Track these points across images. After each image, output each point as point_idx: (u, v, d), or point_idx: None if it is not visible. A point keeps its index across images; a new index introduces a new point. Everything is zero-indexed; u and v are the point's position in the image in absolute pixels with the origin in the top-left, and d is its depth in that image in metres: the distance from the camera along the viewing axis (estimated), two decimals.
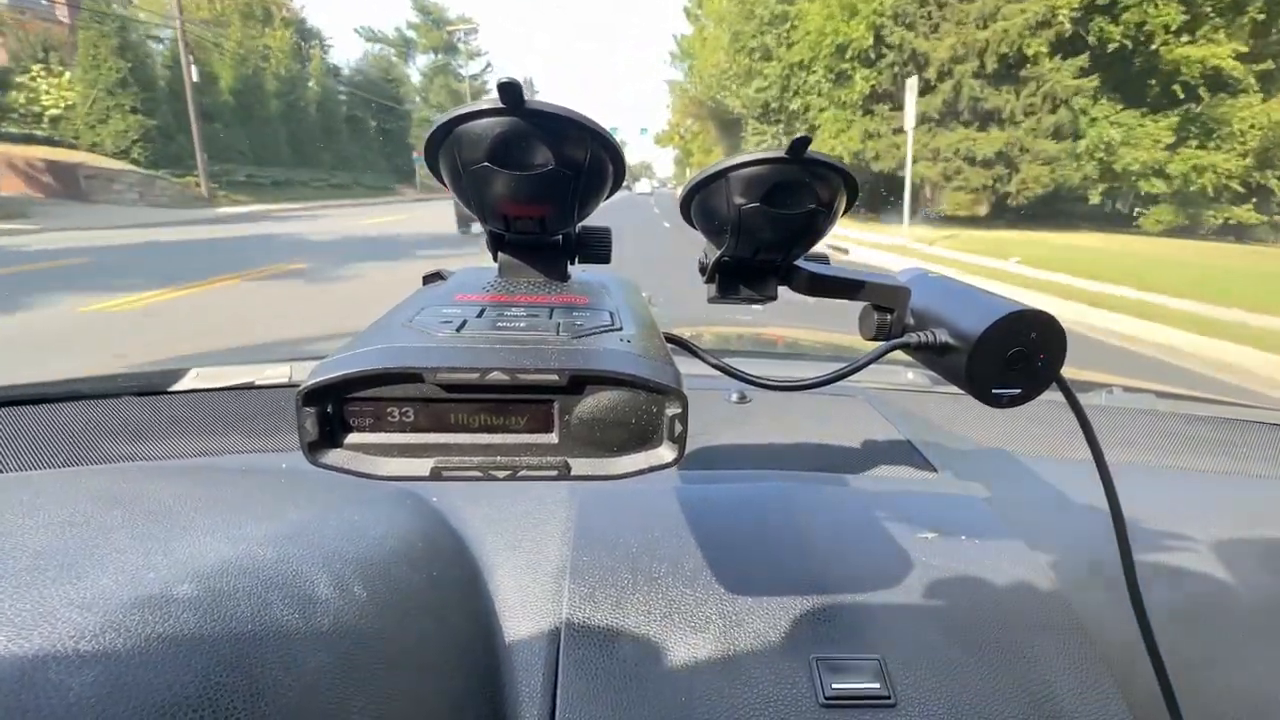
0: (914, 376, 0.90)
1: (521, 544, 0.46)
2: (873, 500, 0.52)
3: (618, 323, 0.27)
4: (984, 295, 0.36)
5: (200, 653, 0.26)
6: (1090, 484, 0.37)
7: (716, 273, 0.38)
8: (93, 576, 0.28)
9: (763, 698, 0.35)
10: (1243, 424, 0.79)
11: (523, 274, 0.35)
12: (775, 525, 0.47)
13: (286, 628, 0.29)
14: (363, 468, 0.22)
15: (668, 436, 0.23)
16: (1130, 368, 3.88)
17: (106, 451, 0.61)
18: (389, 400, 0.22)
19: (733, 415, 0.70)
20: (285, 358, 0.80)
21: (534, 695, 0.36)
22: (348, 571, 0.35)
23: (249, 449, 0.63)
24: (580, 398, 0.22)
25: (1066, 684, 0.37)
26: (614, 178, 0.30)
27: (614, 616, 0.39)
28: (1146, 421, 0.78)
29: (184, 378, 0.72)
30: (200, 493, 0.40)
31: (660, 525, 0.46)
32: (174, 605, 0.27)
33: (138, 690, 0.24)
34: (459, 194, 0.30)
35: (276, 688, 0.27)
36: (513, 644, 0.39)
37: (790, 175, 0.30)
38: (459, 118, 0.27)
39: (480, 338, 0.24)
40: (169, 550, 0.31)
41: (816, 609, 0.40)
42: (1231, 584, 0.50)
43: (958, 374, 0.35)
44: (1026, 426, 0.75)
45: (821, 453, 0.62)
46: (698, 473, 0.55)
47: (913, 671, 0.37)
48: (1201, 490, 0.67)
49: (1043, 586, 0.43)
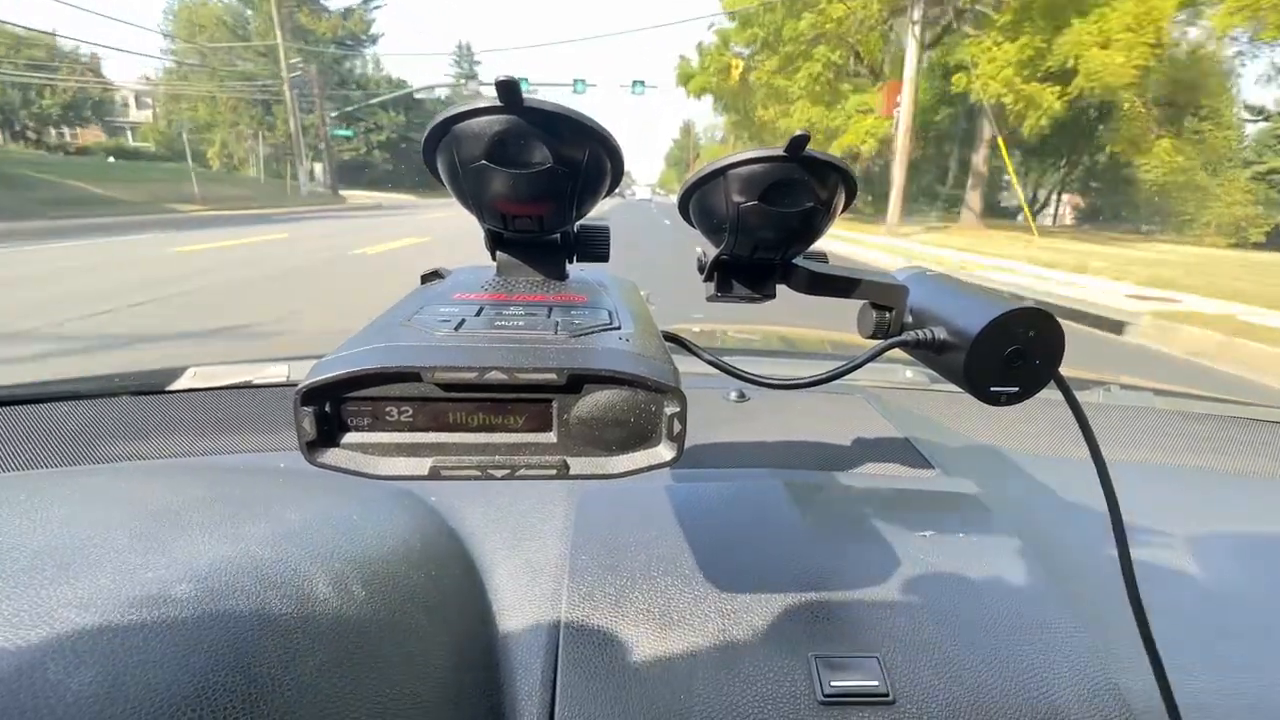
0: (912, 375, 0.90)
1: (520, 543, 0.46)
2: (871, 498, 0.52)
3: (616, 321, 0.27)
4: (982, 293, 0.36)
5: (198, 652, 0.26)
6: (1088, 482, 0.37)
7: (715, 271, 0.38)
8: (91, 576, 0.28)
9: (761, 695, 0.35)
10: (1242, 422, 0.79)
11: (521, 273, 0.35)
12: (774, 524, 0.47)
13: (285, 627, 0.29)
14: (361, 467, 0.22)
15: (666, 435, 0.23)
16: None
17: (104, 451, 0.61)
18: (387, 399, 0.22)
19: (732, 414, 0.70)
20: (283, 357, 0.80)
21: (533, 693, 0.36)
22: (346, 571, 0.35)
23: (247, 448, 0.63)
24: (579, 397, 0.22)
25: (1064, 682, 0.37)
26: (612, 176, 0.30)
27: (613, 615, 0.39)
28: (1145, 419, 0.78)
29: (182, 377, 0.72)
30: (198, 492, 0.40)
31: (659, 524, 0.46)
32: (172, 604, 0.27)
33: (136, 689, 0.24)
34: (457, 193, 0.29)
35: (275, 687, 0.27)
36: (511, 643, 0.39)
37: (788, 173, 0.30)
38: (457, 116, 0.26)
39: (478, 337, 0.24)
40: (167, 549, 0.31)
41: (815, 607, 0.40)
42: (1231, 582, 0.50)
43: (956, 372, 0.35)
44: (1025, 425, 0.75)
45: (820, 451, 0.62)
46: (696, 471, 0.55)
47: (911, 669, 0.37)
48: (1200, 488, 0.67)
49: (1041, 585, 0.43)
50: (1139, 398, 0.85)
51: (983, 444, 0.69)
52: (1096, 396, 0.85)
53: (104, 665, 0.24)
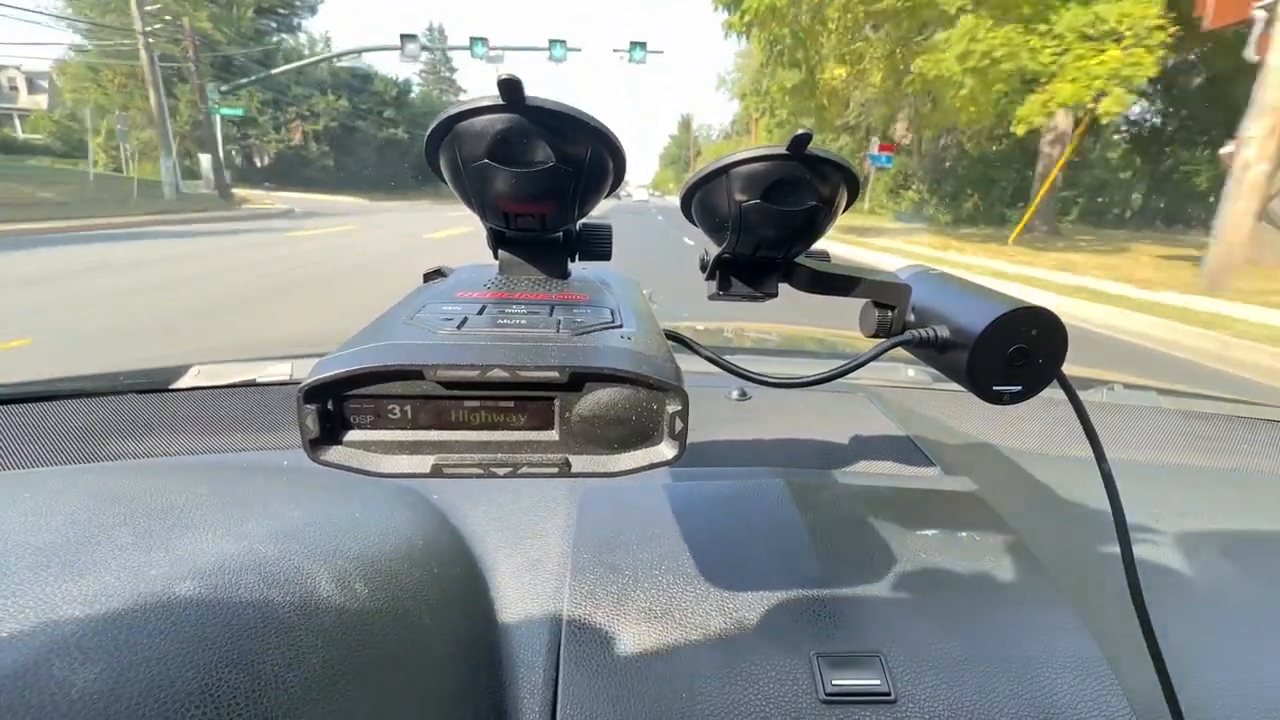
0: (915, 374, 0.89)
1: (522, 541, 0.46)
2: (873, 497, 0.52)
3: (618, 320, 0.27)
4: (985, 292, 0.36)
5: (202, 649, 0.26)
6: (1091, 481, 0.37)
7: (717, 269, 0.38)
8: (95, 573, 0.28)
9: (763, 694, 0.35)
10: (1245, 421, 0.78)
11: (523, 271, 0.35)
12: (776, 522, 0.47)
13: (288, 624, 0.29)
14: (364, 465, 0.22)
15: (668, 433, 0.23)
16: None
17: (108, 449, 0.61)
18: (390, 397, 0.22)
19: (733, 412, 0.70)
20: (286, 355, 0.80)
21: (535, 691, 0.36)
22: (349, 569, 0.35)
23: (250, 446, 0.63)
24: (581, 395, 0.22)
25: (1067, 682, 0.37)
26: (614, 175, 0.30)
27: (614, 613, 0.39)
28: (1148, 418, 0.78)
29: (185, 375, 0.73)
30: (202, 490, 0.40)
31: (660, 522, 0.46)
32: (176, 602, 0.27)
33: (140, 687, 0.24)
34: (459, 191, 0.30)
35: (278, 684, 0.27)
36: (514, 641, 0.39)
37: (791, 172, 0.30)
38: (459, 114, 0.26)
39: (481, 335, 0.24)
40: (171, 547, 0.32)
41: (817, 605, 0.40)
42: (1234, 582, 0.50)
43: (959, 371, 0.35)
44: (1028, 424, 0.75)
45: (822, 450, 0.62)
46: (698, 470, 0.55)
47: (913, 668, 0.37)
48: (1204, 487, 0.67)
49: (1043, 584, 0.43)
50: (1142, 397, 0.85)
51: (985, 443, 0.69)
52: (1099, 396, 0.85)
53: (108, 662, 0.24)
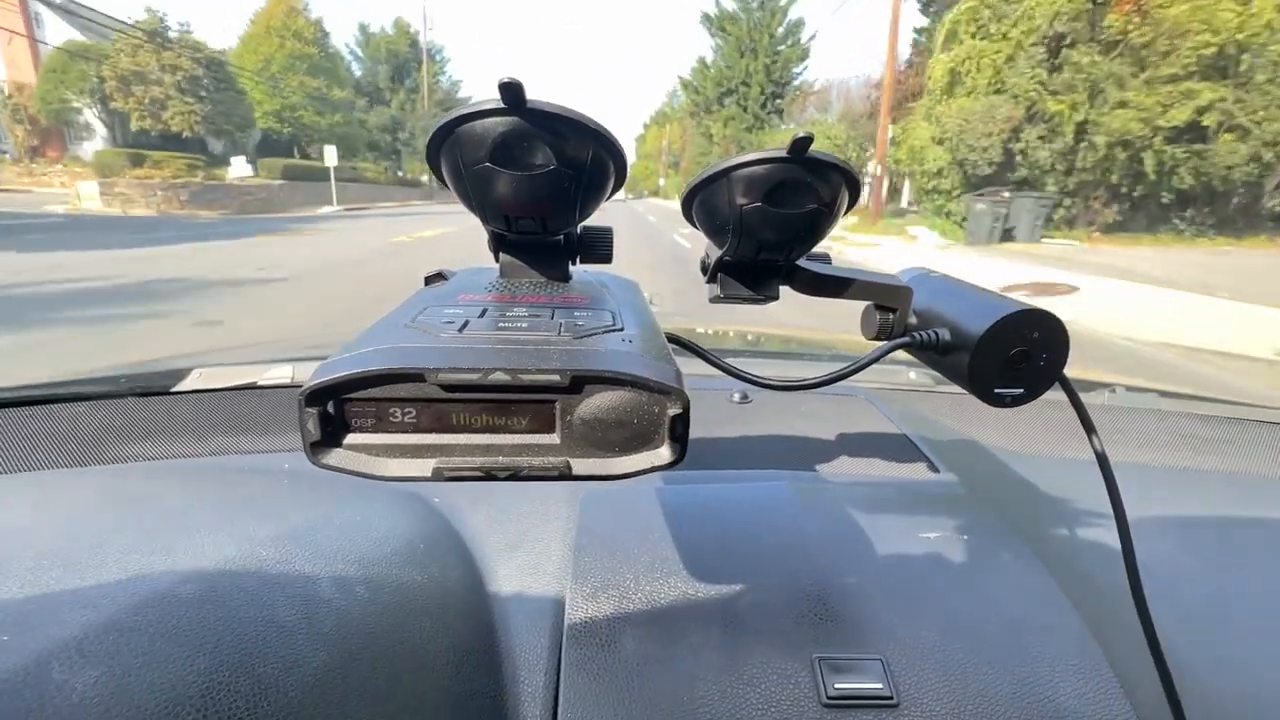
0: (916, 376, 0.89)
1: (523, 544, 0.46)
2: (874, 500, 0.52)
3: (619, 323, 0.27)
4: (986, 295, 0.36)
5: (203, 652, 0.26)
6: (1093, 484, 0.36)
7: (718, 272, 0.38)
8: (96, 576, 0.28)
9: (765, 697, 0.35)
10: (1247, 423, 0.78)
11: (524, 274, 0.35)
12: (777, 525, 0.47)
13: (289, 627, 0.29)
14: (365, 468, 0.22)
15: (669, 436, 0.23)
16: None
17: (109, 452, 0.61)
18: (391, 401, 0.22)
19: (734, 415, 0.70)
20: (288, 358, 0.80)
21: (536, 695, 0.36)
22: (350, 571, 0.35)
23: (251, 449, 0.63)
24: (582, 398, 0.22)
25: (1070, 685, 0.37)
26: (615, 178, 0.30)
27: (615, 616, 0.39)
28: (1150, 421, 0.78)
29: (187, 378, 0.73)
30: (203, 493, 0.40)
31: (662, 525, 0.46)
32: (177, 605, 0.27)
33: (141, 689, 0.24)
34: (460, 194, 0.30)
35: (279, 687, 0.27)
36: (515, 644, 0.39)
37: (791, 174, 0.30)
38: (460, 118, 0.27)
39: (482, 338, 0.24)
40: (172, 550, 0.32)
41: (819, 609, 0.40)
42: (1236, 584, 0.49)
43: (960, 374, 0.35)
44: (1029, 426, 0.75)
45: (823, 453, 0.62)
46: (699, 473, 0.55)
47: (915, 672, 0.37)
48: (1205, 490, 0.67)
49: (1045, 587, 0.43)
50: (1143, 399, 0.85)
51: (987, 446, 0.69)
52: (1101, 398, 0.85)
53: (109, 665, 0.24)
